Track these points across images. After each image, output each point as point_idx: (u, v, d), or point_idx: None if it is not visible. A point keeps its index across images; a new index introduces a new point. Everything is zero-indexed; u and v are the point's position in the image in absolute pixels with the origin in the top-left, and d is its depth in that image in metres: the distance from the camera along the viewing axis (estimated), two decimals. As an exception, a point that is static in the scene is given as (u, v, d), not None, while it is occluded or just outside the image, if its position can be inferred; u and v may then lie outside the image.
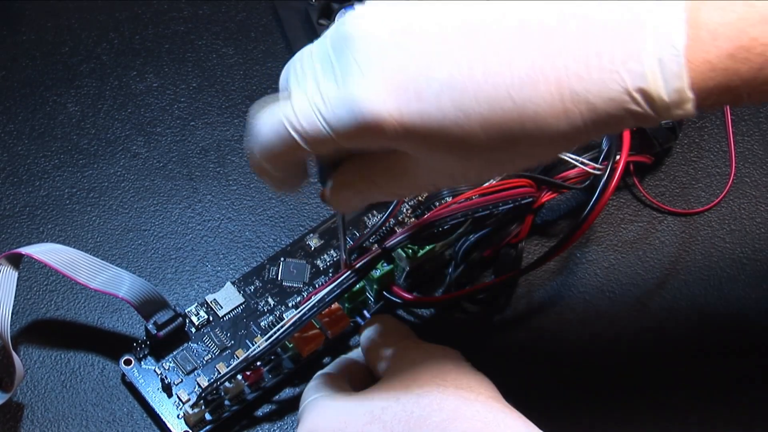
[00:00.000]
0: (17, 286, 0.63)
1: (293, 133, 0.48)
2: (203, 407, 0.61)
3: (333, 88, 0.47)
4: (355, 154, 0.51)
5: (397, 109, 0.45)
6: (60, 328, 0.66)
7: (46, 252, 0.63)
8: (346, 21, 0.47)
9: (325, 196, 0.53)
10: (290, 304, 0.65)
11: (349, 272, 0.61)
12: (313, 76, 0.48)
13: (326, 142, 0.47)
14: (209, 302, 0.65)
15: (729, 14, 0.43)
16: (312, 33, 0.75)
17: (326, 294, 0.61)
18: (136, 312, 0.63)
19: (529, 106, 0.44)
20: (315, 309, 0.60)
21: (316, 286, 0.66)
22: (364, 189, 0.51)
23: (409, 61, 0.45)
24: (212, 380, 0.61)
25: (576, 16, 0.44)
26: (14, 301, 0.62)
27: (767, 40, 0.43)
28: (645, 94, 0.43)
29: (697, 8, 0.43)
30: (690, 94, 0.43)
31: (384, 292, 0.65)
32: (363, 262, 0.62)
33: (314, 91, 0.47)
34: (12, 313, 0.62)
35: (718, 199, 0.71)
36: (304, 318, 0.60)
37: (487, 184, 0.64)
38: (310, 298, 0.61)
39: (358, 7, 0.48)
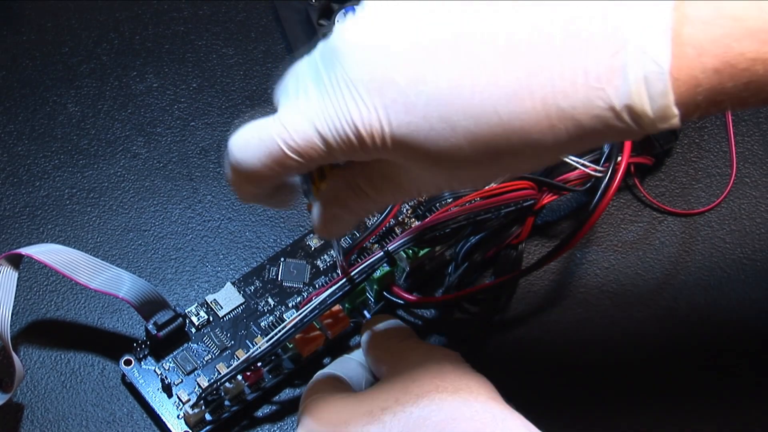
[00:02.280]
0: (17, 286, 0.63)
1: (286, 149, 0.48)
2: (203, 407, 0.61)
3: (323, 102, 0.47)
4: (339, 167, 0.51)
5: (386, 121, 0.46)
6: (60, 329, 0.66)
7: (46, 252, 0.63)
8: (334, 34, 0.47)
9: (312, 209, 0.54)
10: (290, 305, 0.65)
11: (350, 274, 0.61)
12: (305, 90, 0.48)
13: (319, 157, 0.48)
14: (209, 302, 0.65)
15: (715, 29, 0.43)
16: (312, 33, 0.75)
17: (328, 296, 0.61)
18: (136, 312, 0.63)
19: (515, 122, 0.44)
20: (317, 311, 0.60)
21: (317, 286, 0.66)
22: (352, 200, 0.51)
23: (397, 74, 0.45)
24: (212, 380, 0.61)
25: (562, 33, 0.44)
26: (14, 301, 0.62)
27: (753, 55, 0.43)
28: (631, 111, 0.43)
29: (681, 24, 0.43)
30: (675, 111, 0.43)
31: (384, 293, 0.65)
32: (365, 264, 0.62)
33: (305, 106, 0.47)
34: (12, 314, 0.62)
35: (719, 199, 0.71)
36: (305, 320, 0.60)
37: (488, 187, 0.64)
38: (311, 299, 0.61)
39: (347, 18, 0.48)
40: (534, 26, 0.44)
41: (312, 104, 0.47)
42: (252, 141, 0.49)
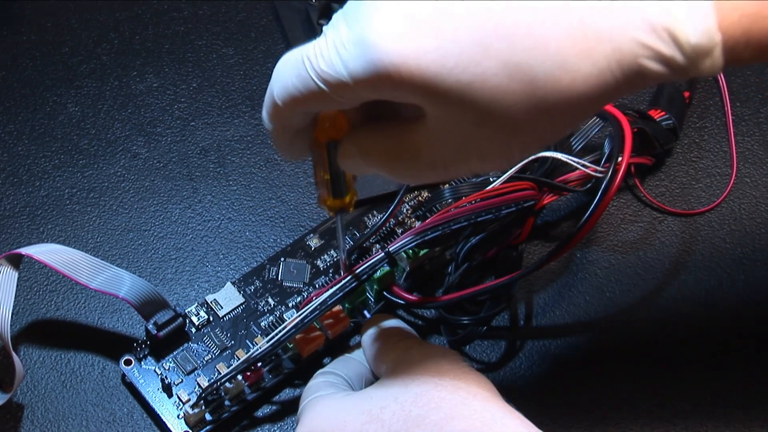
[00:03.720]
0: (17, 286, 0.63)
1: (312, 74, 0.46)
2: (203, 407, 0.61)
3: (348, 29, 0.45)
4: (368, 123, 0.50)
5: (413, 47, 0.44)
6: (60, 329, 0.66)
7: (46, 252, 0.63)
8: None
9: (322, 200, 0.53)
10: (290, 305, 0.65)
11: (351, 275, 0.61)
12: (336, 20, 0.46)
13: (344, 86, 0.46)
14: (209, 302, 0.65)
15: None
16: (312, 33, 0.75)
17: (329, 297, 0.61)
18: (136, 312, 0.63)
19: (550, 43, 0.43)
20: (317, 311, 0.61)
21: (317, 286, 0.66)
22: (375, 154, 0.50)
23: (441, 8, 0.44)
24: (212, 380, 0.61)
25: None
26: (14, 301, 0.62)
27: None
28: (671, 33, 0.42)
29: None
30: (718, 37, 0.42)
31: (384, 293, 0.65)
32: (366, 265, 0.62)
33: (334, 33, 0.46)
34: (12, 314, 0.62)
35: (719, 199, 0.71)
36: (305, 320, 0.60)
37: (489, 187, 0.64)
38: (311, 299, 0.61)
39: None
40: None
41: (340, 31, 0.46)
42: (290, 60, 0.48)
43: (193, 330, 0.64)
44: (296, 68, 0.47)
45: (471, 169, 0.48)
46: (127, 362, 0.63)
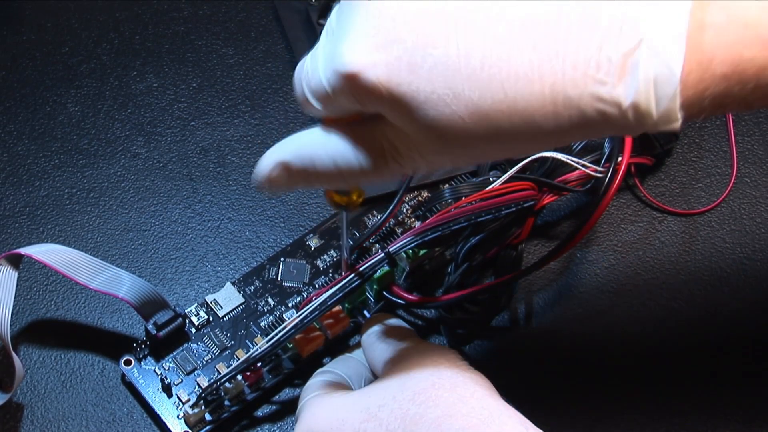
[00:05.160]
0: (17, 286, 0.63)
1: (306, 89, 0.49)
2: (203, 407, 0.61)
3: (328, 44, 0.48)
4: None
5: (386, 72, 0.45)
6: (60, 329, 0.66)
7: (46, 252, 0.63)
8: None
9: (329, 195, 0.54)
10: (290, 305, 0.65)
11: (351, 276, 0.61)
12: (322, 36, 0.49)
13: (325, 96, 0.48)
14: (209, 302, 0.65)
15: (727, 36, 0.43)
16: (312, 33, 0.75)
17: (328, 297, 0.61)
18: (136, 312, 0.63)
19: (520, 102, 0.44)
20: (317, 312, 0.61)
21: (317, 286, 0.66)
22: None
23: (406, 33, 0.45)
24: (212, 380, 0.61)
25: (580, 22, 0.44)
26: (14, 301, 0.62)
27: (762, 62, 0.43)
28: (636, 110, 0.43)
29: (696, 29, 0.43)
30: (679, 116, 0.43)
31: (384, 292, 0.65)
32: (366, 265, 0.62)
33: (318, 48, 0.49)
34: (12, 314, 0.62)
35: (719, 199, 0.71)
36: (305, 320, 0.60)
37: (489, 188, 0.64)
38: (311, 299, 0.61)
39: None
40: (553, 10, 0.44)
41: (322, 46, 0.48)
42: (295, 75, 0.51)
43: (193, 330, 0.64)
44: (297, 79, 0.51)
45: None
46: (127, 362, 0.63)
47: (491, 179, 0.66)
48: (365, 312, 0.65)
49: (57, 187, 0.71)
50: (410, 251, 0.64)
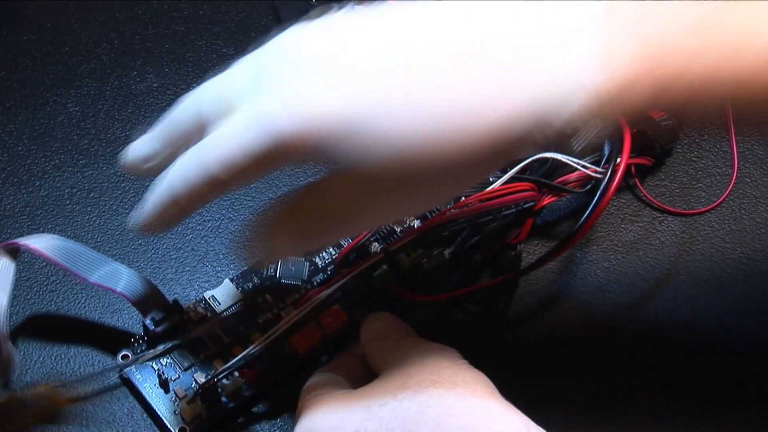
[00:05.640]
0: (17, 286, 0.63)
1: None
2: (200, 404, 0.61)
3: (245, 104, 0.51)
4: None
5: (300, 126, 0.47)
6: (60, 328, 0.66)
7: (44, 243, 0.62)
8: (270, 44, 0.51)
9: None
10: (288, 302, 0.65)
11: (351, 275, 0.61)
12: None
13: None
14: (207, 299, 0.65)
15: (646, 63, 0.45)
16: (312, 33, 0.75)
17: (327, 295, 0.61)
18: (136, 311, 0.63)
19: (430, 145, 0.46)
20: (316, 309, 0.61)
21: (315, 283, 0.66)
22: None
23: (319, 85, 0.48)
24: (209, 377, 0.61)
25: (500, 60, 0.46)
26: (14, 299, 0.62)
27: (694, 76, 0.45)
28: (550, 131, 0.45)
29: (612, 59, 0.45)
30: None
31: (383, 291, 0.65)
32: (366, 264, 0.62)
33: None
34: (11, 308, 0.62)
35: (719, 199, 0.71)
36: (304, 318, 0.60)
37: (489, 188, 0.64)
38: (309, 296, 0.61)
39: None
40: (463, 49, 0.46)
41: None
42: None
43: (191, 326, 0.64)
44: None
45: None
46: (125, 358, 0.63)
47: (491, 179, 0.66)
48: (365, 311, 0.65)
49: (57, 187, 0.71)
50: (410, 251, 0.64)
